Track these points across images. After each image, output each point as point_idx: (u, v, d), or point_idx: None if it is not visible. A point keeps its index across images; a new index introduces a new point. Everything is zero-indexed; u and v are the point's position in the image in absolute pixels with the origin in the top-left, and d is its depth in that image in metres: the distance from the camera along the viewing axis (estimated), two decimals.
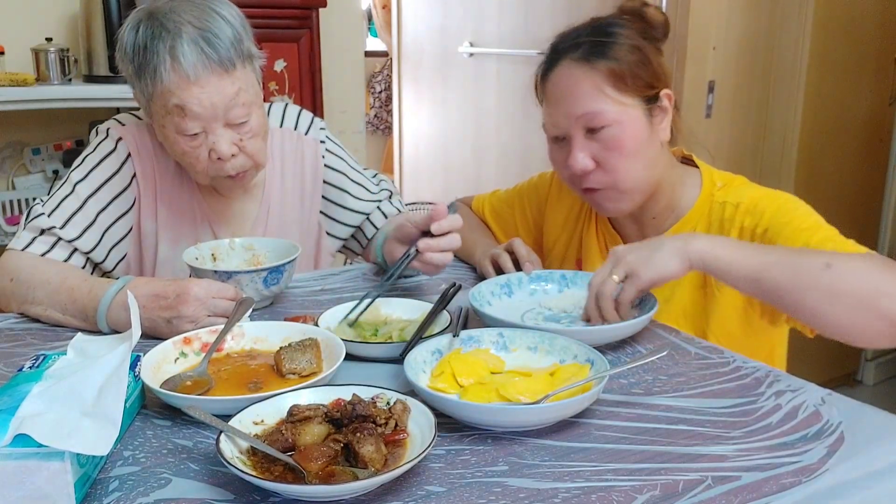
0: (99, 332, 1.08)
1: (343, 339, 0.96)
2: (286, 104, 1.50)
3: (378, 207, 1.51)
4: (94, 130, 1.37)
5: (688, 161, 1.31)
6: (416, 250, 1.15)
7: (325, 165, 1.48)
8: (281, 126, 1.45)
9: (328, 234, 1.51)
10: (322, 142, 1.48)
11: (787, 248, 1.03)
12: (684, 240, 1.03)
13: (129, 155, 1.33)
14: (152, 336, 1.04)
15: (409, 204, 2.45)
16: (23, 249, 1.23)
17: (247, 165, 1.28)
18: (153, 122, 1.27)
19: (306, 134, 1.47)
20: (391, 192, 1.56)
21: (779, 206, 1.15)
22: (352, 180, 1.49)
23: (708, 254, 1.00)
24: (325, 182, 1.48)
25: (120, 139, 1.33)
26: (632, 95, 1.17)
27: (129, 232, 1.34)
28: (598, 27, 1.20)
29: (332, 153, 1.49)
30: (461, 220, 1.18)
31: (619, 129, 1.16)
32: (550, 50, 1.23)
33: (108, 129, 1.35)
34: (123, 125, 1.35)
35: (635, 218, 1.29)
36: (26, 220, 1.27)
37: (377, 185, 1.54)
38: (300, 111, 1.49)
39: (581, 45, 1.18)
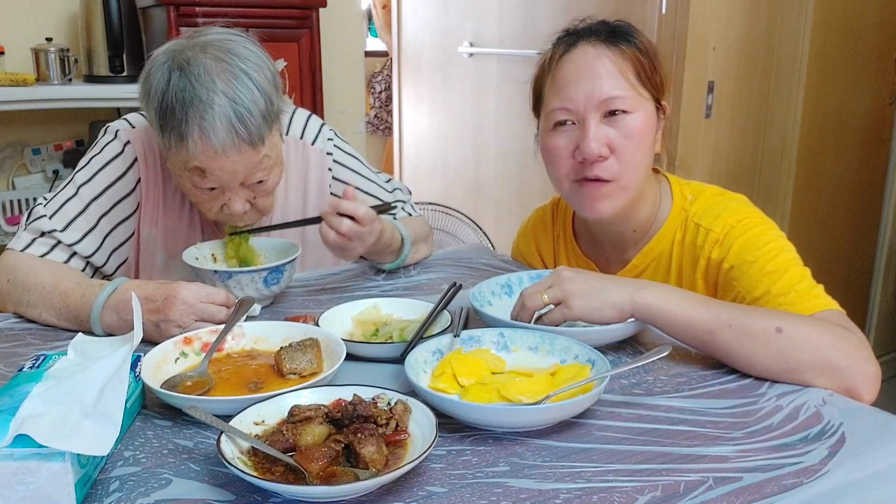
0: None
1: (344, 339, 0.96)
2: (294, 110, 1.45)
3: (392, 216, 1.46)
4: (103, 129, 1.34)
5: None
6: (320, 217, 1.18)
7: (333, 177, 1.44)
8: (287, 133, 1.41)
9: None
10: (329, 153, 1.44)
11: (739, 309, 0.99)
12: (633, 290, 0.99)
13: (135, 159, 1.30)
14: (143, 339, 1.03)
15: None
16: (22, 250, 1.23)
17: (254, 218, 1.28)
18: (168, 163, 1.23)
19: (313, 143, 1.43)
20: (404, 201, 1.53)
21: (747, 239, 1.10)
22: (362, 191, 1.45)
23: (656, 307, 0.98)
24: (332, 194, 1.44)
25: (128, 142, 1.30)
26: (647, 90, 1.15)
27: (130, 237, 1.32)
28: (613, 22, 1.18)
29: (340, 163, 1.45)
30: (372, 215, 1.17)
31: (638, 118, 1.13)
32: (566, 33, 1.19)
33: (116, 131, 1.32)
34: (133, 128, 1.32)
35: (616, 230, 1.23)
36: (28, 220, 1.25)
37: (391, 192, 1.51)
38: (308, 118, 1.45)
39: (602, 30, 1.16)
